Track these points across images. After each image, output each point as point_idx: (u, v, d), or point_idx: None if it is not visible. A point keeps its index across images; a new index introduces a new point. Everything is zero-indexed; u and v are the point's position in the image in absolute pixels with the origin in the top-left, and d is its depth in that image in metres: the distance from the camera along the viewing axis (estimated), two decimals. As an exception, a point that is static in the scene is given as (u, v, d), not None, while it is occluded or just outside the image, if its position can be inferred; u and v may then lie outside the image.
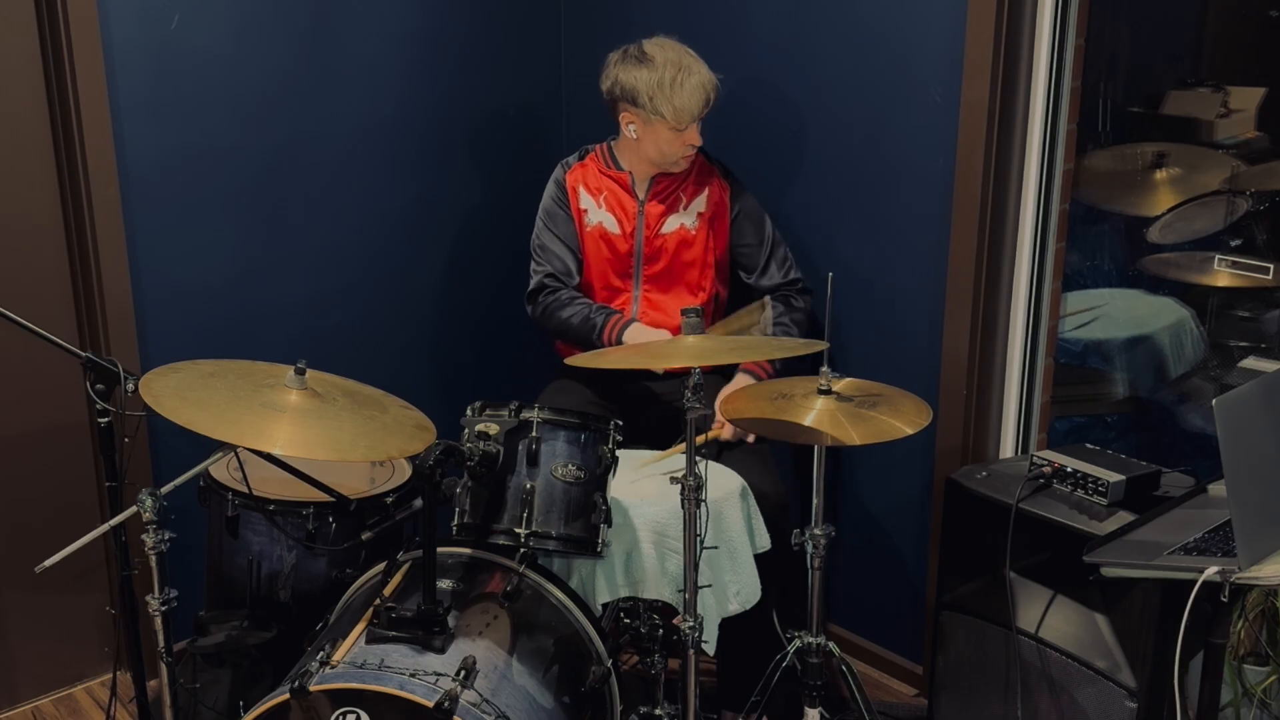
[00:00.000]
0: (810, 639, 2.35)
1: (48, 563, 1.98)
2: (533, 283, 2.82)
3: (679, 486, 2.03)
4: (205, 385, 2.00)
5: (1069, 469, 2.26)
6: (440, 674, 1.88)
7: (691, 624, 2.08)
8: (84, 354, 2.13)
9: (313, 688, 1.84)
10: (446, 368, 3.35)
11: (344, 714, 1.85)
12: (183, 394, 1.95)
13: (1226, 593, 1.75)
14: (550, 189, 2.81)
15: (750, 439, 2.57)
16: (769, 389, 2.30)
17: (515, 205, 3.09)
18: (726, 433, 2.56)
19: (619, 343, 2.65)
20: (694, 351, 2.02)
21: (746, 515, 2.39)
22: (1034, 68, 2.47)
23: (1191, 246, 2.69)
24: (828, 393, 2.19)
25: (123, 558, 2.26)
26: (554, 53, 3.39)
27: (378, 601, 2.01)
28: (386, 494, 2.41)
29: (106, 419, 2.16)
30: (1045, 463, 2.31)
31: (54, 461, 2.79)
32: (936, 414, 2.64)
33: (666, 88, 2.55)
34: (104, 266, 2.67)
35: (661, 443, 2.60)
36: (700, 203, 2.74)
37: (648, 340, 2.63)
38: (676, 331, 2.68)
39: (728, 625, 2.32)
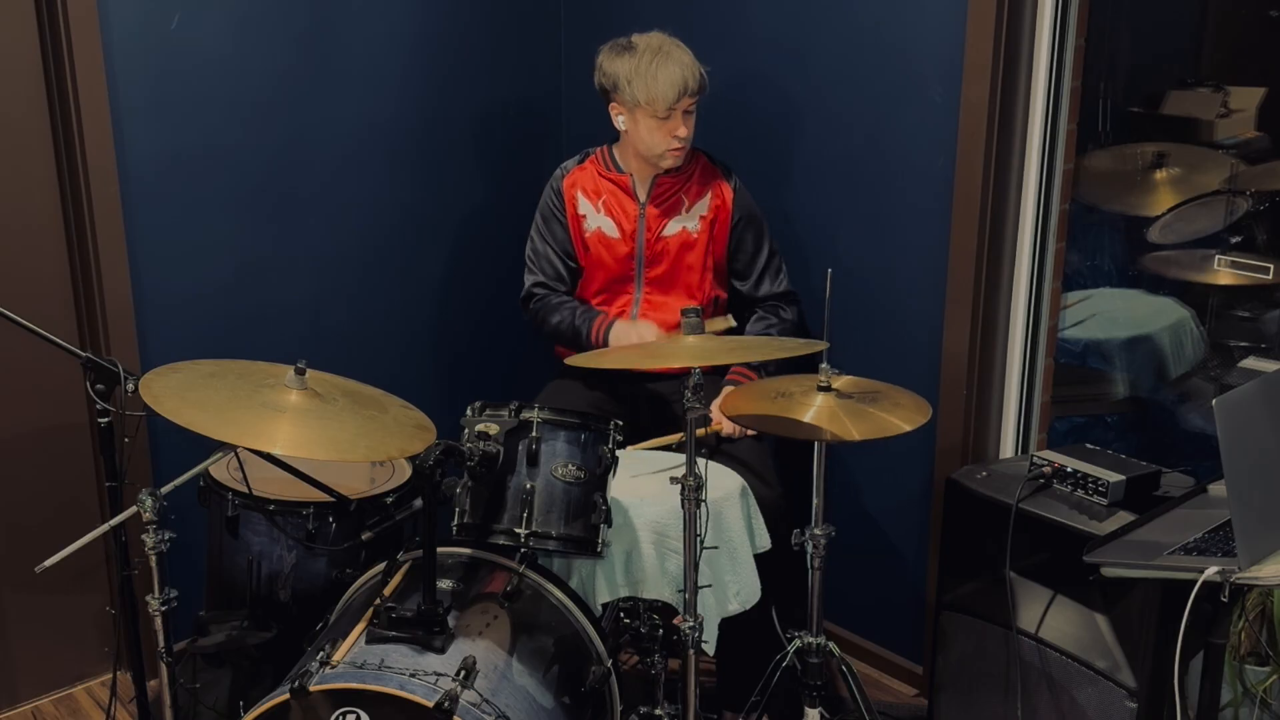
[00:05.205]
0: (810, 639, 2.35)
1: (48, 563, 1.98)
2: (523, 290, 2.83)
3: (679, 486, 2.03)
4: (205, 385, 2.00)
5: (1069, 469, 2.26)
6: (440, 674, 1.88)
7: (691, 624, 2.08)
8: (84, 354, 2.13)
9: (313, 688, 1.84)
10: (446, 368, 3.35)
11: (344, 714, 1.85)
12: (183, 394, 1.95)
13: (1226, 593, 1.75)
14: (546, 195, 2.81)
15: (750, 432, 2.57)
16: (769, 387, 2.30)
17: (515, 205, 3.09)
18: (727, 428, 2.56)
19: (607, 344, 2.66)
20: (694, 351, 2.02)
21: (746, 515, 2.39)
22: (1034, 68, 2.47)
23: (1192, 246, 2.69)
24: (827, 390, 2.19)
25: (123, 558, 2.26)
26: (554, 53, 3.39)
27: (378, 601, 2.01)
28: (386, 494, 2.41)
29: (106, 419, 2.16)
30: (1045, 463, 2.30)
31: (54, 461, 2.79)
32: (936, 414, 2.63)
33: (643, 73, 2.55)
34: (104, 267, 2.67)
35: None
36: (703, 206, 2.73)
37: (632, 339, 2.64)
38: (671, 328, 2.69)
39: (728, 625, 2.32)
